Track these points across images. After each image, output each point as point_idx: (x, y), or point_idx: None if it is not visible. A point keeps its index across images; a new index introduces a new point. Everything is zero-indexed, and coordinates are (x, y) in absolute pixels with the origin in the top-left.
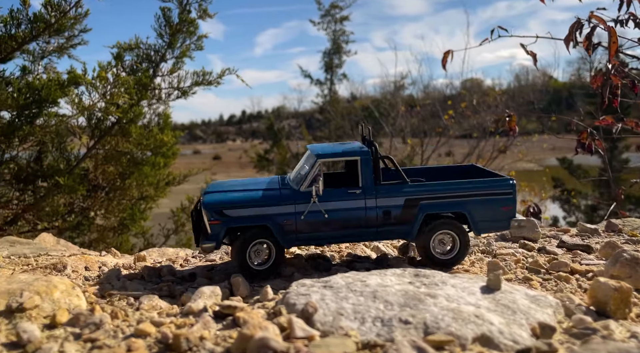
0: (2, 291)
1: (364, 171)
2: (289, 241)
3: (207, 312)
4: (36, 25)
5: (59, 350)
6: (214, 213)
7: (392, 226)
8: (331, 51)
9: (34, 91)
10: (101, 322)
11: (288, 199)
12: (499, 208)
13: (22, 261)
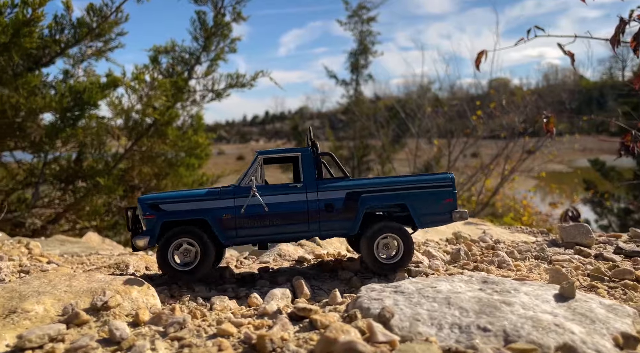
0: (85, 290)
1: (305, 167)
2: (229, 238)
3: (282, 313)
4: (79, 30)
5: (151, 348)
6: (149, 207)
7: (334, 221)
8: (357, 51)
9: (76, 93)
10: (184, 321)
11: (227, 194)
12: (440, 200)
13: (75, 259)
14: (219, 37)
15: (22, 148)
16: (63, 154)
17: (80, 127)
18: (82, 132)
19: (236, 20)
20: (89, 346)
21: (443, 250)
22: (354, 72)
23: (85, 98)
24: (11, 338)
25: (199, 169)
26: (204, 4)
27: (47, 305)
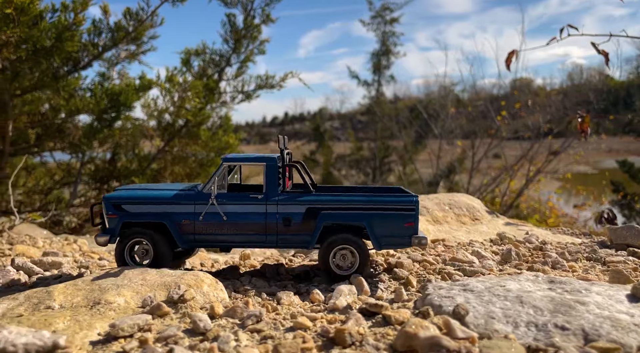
0: (159, 284)
1: (268, 178)
2: (186, 242)
3: (352, 309)
4: (117, 34)
5: (234, 339)
6: (112, 207)
7: (292, 235)
8: (379, 52)
9: (113, 95)
10: (260, 315)
11: (188, 199)
12: (401, 223)
13: None
14: (248, 39)
15: (62, 148)
16: (99, 155)
17: (117, 129)
18: (119, 133)
19: (265, 22)
20: (177, 336)
21: (491, 250)
22: (375, 73)
23: (122, 100)
24: (101, 327)
25: None
26: (233, 6)
27: (127, 297)
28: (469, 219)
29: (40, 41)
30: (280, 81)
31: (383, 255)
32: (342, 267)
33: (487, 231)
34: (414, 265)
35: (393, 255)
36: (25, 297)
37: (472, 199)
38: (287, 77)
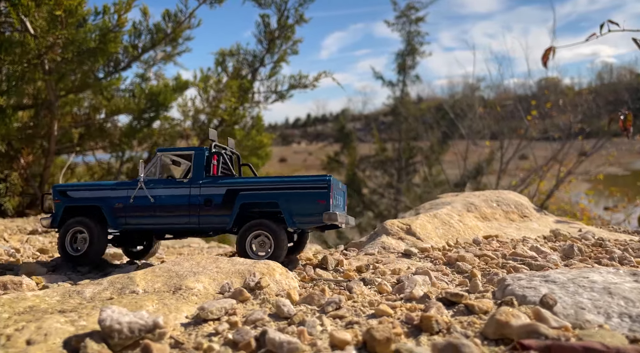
0: (233, 272)
1: (195, 164)
2: (119, 225)
3: (429, 298)
4: (156, 35)
5: (320, 324)
6: (58, 193)
7: (213, 216)
8: (404, 52)
9: (151, 96)
10: (340, 301)
11: (122, 185)
12: (313, 201)
13: (173, 250)
14: (281, 40)
15: (103, 147)
16: (138, 154)
17: (155, 128)
18: (157, 132)
19: (298, 22)
20: (263, 319)
21: (548, 246)
22: (400, 73)
23: (160, 100)
24: (188, 311)
25: (261, 168)
26: (267, 7)
27: (205, 283)
28: (517, 216)
29: (86, 43)
30: (314, 81)
31: (440, 250)
32: (259, 253)
33: (538, 228)
34: (474, 259)
35: (451, 249)
36: (109, 282)
37: (519, 197)
38: (320, 76)
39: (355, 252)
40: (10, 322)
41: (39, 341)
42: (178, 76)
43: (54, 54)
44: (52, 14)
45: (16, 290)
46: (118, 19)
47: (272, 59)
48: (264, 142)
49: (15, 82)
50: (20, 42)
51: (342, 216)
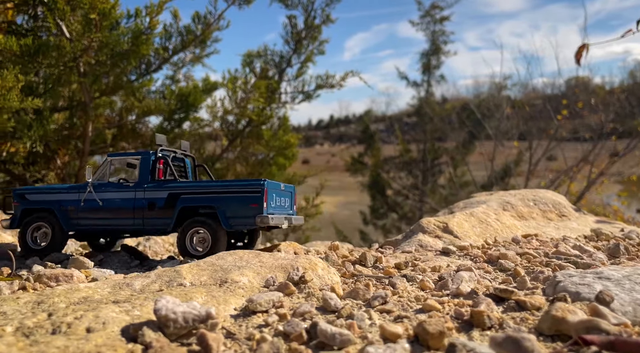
0: (276, 266)
1: (141, 169)
2: (71, 225)
3: (477, 294)
4: (186, 37)
5: (368, 317)
6: (17, 196)
7: (156, 218)
8: (429, 52)
9: (181, 97)
10: (386, 296)
11: (74, 189)
12: (247, 205)
13: None
14: (308, 40)
15: (135, 148)
16: None
17: (186, 129)
18: (187, 133)
19: (325, 22)
20: (311, 312)
21: (593, 245)
22: (425, 73)
23: (190, 101)
24: (236, 303)
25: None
26: (294, 8)
27: (250, 277)
28: (555, 215)
29: (119, 45)
30: (340, 81)
31: (479, 248)
32: (198, 248)
33: (577, 227)
34: (516, 257)
35: (490, 247)
36: (157, 275)
37: (557, 196)
38: (346, 76)
39: (392, 250)
40: (68, 311)
41: (97, 329)
42: (206, 77)
43: (89, 56)
44: (87, 18)
45: (67, 282)
46: (150, 21)
47: (299, 59)
48: (291, 142)
49: (52, 84)
50: (56, 46)
51: (280, 218)
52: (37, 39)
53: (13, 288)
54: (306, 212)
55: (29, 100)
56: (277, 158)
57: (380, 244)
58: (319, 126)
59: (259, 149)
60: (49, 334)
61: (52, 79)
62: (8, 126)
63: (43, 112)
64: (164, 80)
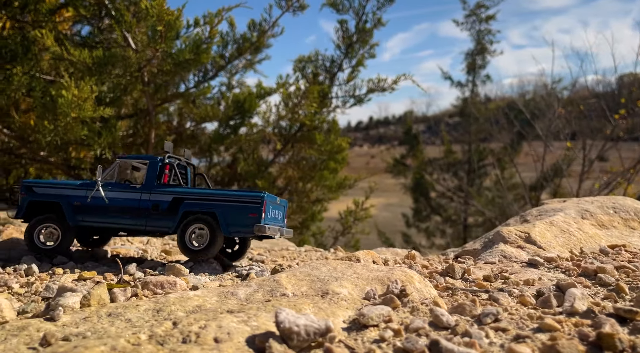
0: (373, 278)
1: (149, 172)
2: (76, 221)
3: (594, 313)
4: (242, 44)
5: (485, 335)
6: (25, 188)
7: (159, 220)
8: (474, 51)
9: (237, 103)
10: (498, 313)
11: (82, 186)
12: (246, 214)
13: (279, 253)
14: (359, 44)
15: (193, 153)
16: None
17: (241, 134)
18: (243, 138)
19: (376, 26)
20: (425, 328)
21: None
22: (470, 73)
23: (246, 107)
24: (342, 315)
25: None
26: (345, 12)
27: (349, 288)
28: (638, 224)
29: (182, 55)
30: (392, 84)
31: (569, 260)
32: (194, 243)
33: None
34: (614, 271)
35: (579, 259)
36: (257, 285)
37: (636, 203)
38: (399, 79)
39: (472, 260)
40: (190, 320)
41: (225, 339)
42: (259, 83)
43: (152, 66)
44: (152, 29)
45: (171, 289)
46: (210, 30)
47: (350, 63)
48: (342, 146)
49: (119, 94)
50: (122, 57)
51: (275, 228)
52: (107, 51)
53: (127, 295)
54: (355, 215)
55: (100, 109)
56: (329, 162)
57: (456, 253)
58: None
59: (310, 153)
60: (181, 343)
61: (119, 89)
62: (81, 134)
63: (110, 120)
64: (219, 87)
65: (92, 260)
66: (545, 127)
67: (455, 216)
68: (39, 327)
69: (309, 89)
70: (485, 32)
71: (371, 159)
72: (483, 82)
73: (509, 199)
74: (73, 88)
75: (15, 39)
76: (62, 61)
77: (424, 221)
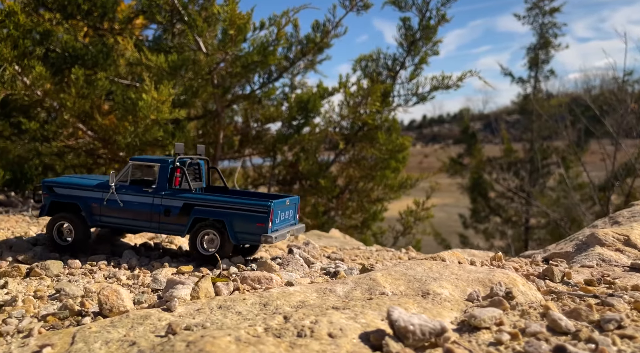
0: (473, 279)
1: (160, 176)
2: (94, 221)
3: None
4: (306, 46)
5: (612, 343)
6: (46, 188)
7: (170, 224)
8: (537, 46)
9: (300, 103)
10: (621, 320)
11: (98, 188)
12: (253, 223)
13: (351, 252)
14: (422, 41)
15: (258, 153)
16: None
17: (305, 134)
18: (306, 138)
19: (440, 22)
20: (543, 333)
21: None
22: (532, 69)
23: (310, 107)
24: (448, 316)
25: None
26: (408, 10)
27: (449, 289)
28: None
29: (250, 57)
30: (458, 81)
31: None
32: (208, 247)
33: None
34: None
35: None
36: (354, 283)
37: None
38: (464, 76)
39: (564, 263)
40: (300, 315)
41: (339, 335)
42: (320, 83)
43: (222, 69)
44: (223, 33)
45: (269, 284)
46: (277, 32)
47: (413, 61)
48: (404, 145)
49: (191, 96)
50: (193, 60)
51: (283, 233)
52: (181, 55)
53: (229, 289)
54: (416, 215)
55: (176, 111)
56: (390, 161)
57: (544, 256)
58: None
59: (371, 152)
60: (297, 337)
61: (190, 91)
62: (157, 135)
63: (182, 122)
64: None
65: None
66: (615, 124)
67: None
68: (159, 316)
69: (372, 88)
70: (550, 25)
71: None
72: (546, 77)
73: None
74: (153, 91)
75: (96, 46)
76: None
77: (482, 222)
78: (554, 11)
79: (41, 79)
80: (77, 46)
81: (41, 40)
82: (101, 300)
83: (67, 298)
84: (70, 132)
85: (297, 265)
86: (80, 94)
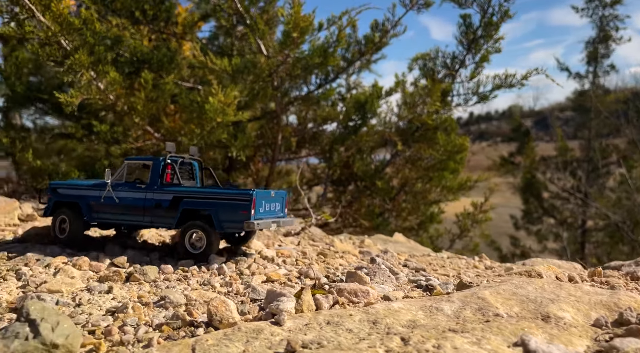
0: (596, 302)
1: (152, 173)
2: (92, 218)
3: None
4: (364, 46)
5: None
6: (51, 189)
7: (161, 217)
8: (596, 39)
9: (358, 104)
10: None
11: (96, 187)
12: (237, 211)
13: (422, 259)
14: (484, 39)
15: (315, 154)
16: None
17: (362, 134)
18: (364, 138)
19: (503, 19)
20: None
21: None
22: (590, 63)
23: (367, 108)
24: (580, 344)
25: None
26: (469, 6)
27: (571, 313)
28: None
29: (311, 59)
30: (522, 79)
31: None
32: (196, 245)
33: None
34: None
35: None
36: (461, 301)
37: None
38: (529, 74)
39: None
40: (419, 338)
41: None
42: (375, 83)
43: (282, 71)
44: (285, 35)
45: (365, 298)
46: (338, 34)
47: (474, 59)
48: (464, 145)
49: (252, 98)
50: (253, 63)
51: (267, 222)
52: (243, 58)
53: (329, 302)
54: (474, 218)
55: (240, 113)
56: (448, 163)
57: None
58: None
59: (430, 153)
60: None
61: (251, 94)
62: (222, 137)
63: (242, 123)
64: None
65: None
66: None
67: (571, 218)
68: (271, 331)
69: (432, 88)
70: (611, 17)
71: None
72: (606, 72)
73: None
74: (220, 94)
75: (161, 50)
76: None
77: (535, 223)
78: (616, 3)
79: (114, 83)
80: (144, 50)
81: (112, 46)
82: (211, 311)
83: (172, 306)
84: (138, 134)
85: (384, 276)
86: (149, 97)
